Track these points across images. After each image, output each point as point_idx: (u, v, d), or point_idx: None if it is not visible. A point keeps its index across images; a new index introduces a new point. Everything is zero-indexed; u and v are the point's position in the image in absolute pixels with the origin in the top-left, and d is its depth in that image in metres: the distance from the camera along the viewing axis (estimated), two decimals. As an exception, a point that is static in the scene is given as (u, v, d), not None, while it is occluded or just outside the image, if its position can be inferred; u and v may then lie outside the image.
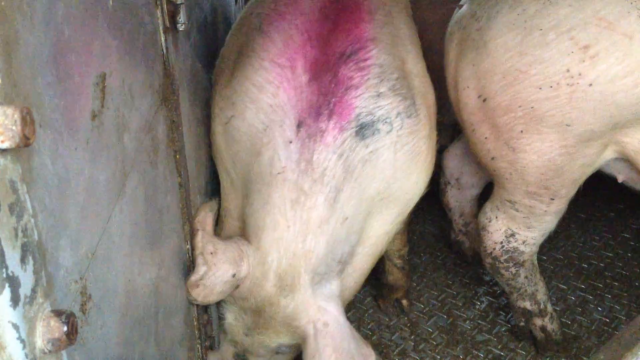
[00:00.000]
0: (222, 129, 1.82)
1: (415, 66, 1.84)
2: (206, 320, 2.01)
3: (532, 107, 1.80)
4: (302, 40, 1.69)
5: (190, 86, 1.97)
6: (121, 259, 1.17)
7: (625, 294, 2.52)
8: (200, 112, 2.16)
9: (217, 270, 1.68)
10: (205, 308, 1.99)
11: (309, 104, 1.63)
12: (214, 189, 2.46)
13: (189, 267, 1.84)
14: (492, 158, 2.01)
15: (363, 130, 1.62)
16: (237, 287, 1.72)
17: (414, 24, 2.01)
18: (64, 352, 0.82)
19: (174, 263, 1.64)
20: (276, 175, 1.62)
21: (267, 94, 1.67)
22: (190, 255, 1.84)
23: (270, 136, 1.64)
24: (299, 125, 1.62)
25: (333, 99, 1.63)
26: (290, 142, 1.62)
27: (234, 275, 1.67)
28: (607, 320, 2.40)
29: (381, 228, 1.81)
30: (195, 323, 1.93)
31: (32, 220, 0.78)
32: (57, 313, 0.78)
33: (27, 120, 0.72)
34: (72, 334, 0.78)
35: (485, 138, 1.99)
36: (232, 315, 1.89)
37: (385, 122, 1.64)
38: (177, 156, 1.73)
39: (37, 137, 0.83)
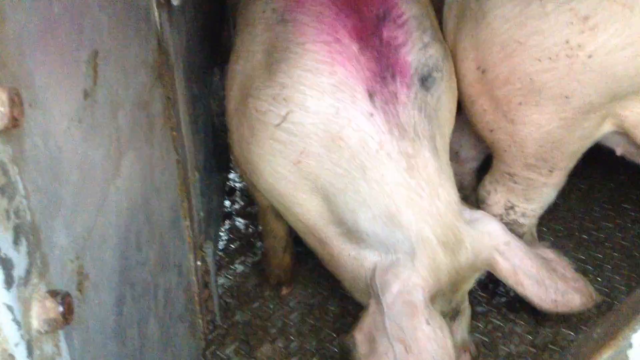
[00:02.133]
0: (272, 133, 1.64)
1: (429, 8, 1.88)
2: (207, 296, 2.03)
3: (530, 79, 1.79)
4: (334, 13, 1.63)
5: (186, 62, 1.95)
6: (118, 237, 1.17)
7: (624, 265, 2.52)
8: (196, 88, 2.15)
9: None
10: (205, 283, 2.00)
11: (370, 72, 1.58)
12: (212, 166, 2.46)
13: (189, 244, 1.85)
14: (491, 130, 2.00)
15: (425, 82, 1.64)
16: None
17: None
18: (61, 332, 0.83)
19: (172, 241, 1.65)
20: (376, 153, 1.55)
21: (325, 73, 1.57)
22: (190, 232, 1.85)
23: (348, 117, 1.55)
24: (371, 95, 1.56)
25: (389, 61, 1.60)
26: (372, 114, 1.55)
27: (427, 323, 1.48)
28: (607, 290, 2.41)
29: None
30: (196, 299, 1.95)
31: (25, 201, 0.78)
32: (53, 293, 0.79)
33: (15, 101, 0.71)
34: (68, 314, 0.78)
35: (484, 110, 1.98)
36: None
37: (438, 69, 1.68)
38: (174, 133, 1.72)
39: (28, 117, 0.82)
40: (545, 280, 1.66)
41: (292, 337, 2.24)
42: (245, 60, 1.77)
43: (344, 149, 1.55)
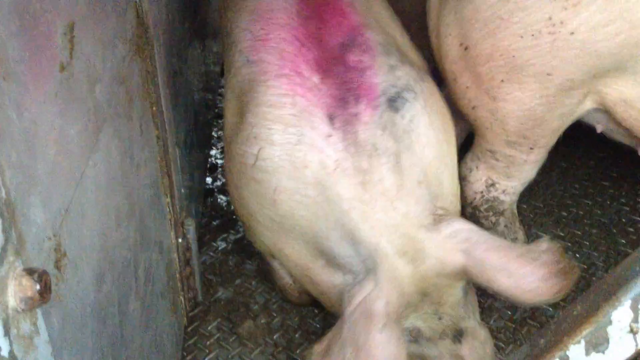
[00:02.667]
0: (251, 173, 1.66)
1: (404, 41, 1.86)
2: (189, 273, 2.02)
3: (513, 56, 1.78)
4: (295, 48, 1.66)
5: (166, 35, 1.92)
6: (97, 214, 1.15)
7: (603, 241, 2.56)
8: (177, 62, 2.11)
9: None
10: (187, 261, 1.99)
11: (331, 97, 1.60)
12: (193, 142, 2.43)
13: (170, 221, 1.83)
14: (473, 107, 2.00)
15: (393, 103, 1.61)
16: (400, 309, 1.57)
17: (388, 4, 2.02)
18: (38, 311, 0.81)
19: (153, 217, 1.63)
20: (333, 172, 1.56)
21: (287, 106, 1.60)
22: (170, 209, 1.83)
23: (308, 142, 1.57)
24: (331, 118, 1.58)
25: (354, 85, 1.61)
26: (330, 135, 1.56)
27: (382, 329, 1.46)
28: (585, 266, 2.44)
29: (450, 185, 1.78)
30: (178, 276, 1.94)
31: (-1, 177, 0.76)
32: (30, 271, 0.77)
33: (-14, 73, 0.69)
34: (45, 292, 0.77)
35: (467, 87, 1.98)
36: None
37: (409, 90, 1.64)
38: (154, 108, 1.70)
39: (1, 90, 0.79)
40: (519, 270, 1.54)
41: (274, 314, 2.25)
42: (226, 109, 1.82)
43: (307, 175, 1.57)
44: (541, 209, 2.74)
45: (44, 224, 0.90)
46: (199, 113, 2.75)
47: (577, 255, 2.50)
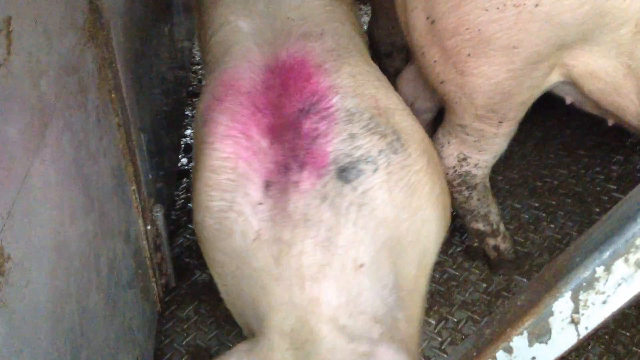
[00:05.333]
0: (201, 244, 1.63)
1: (390, 101, 1.71)
2: (160, 259, 2.01)
3: (479, 30, 1.76)
4: (250, 113, 1.57)
5: (125, 18, 1.87)
6: (48, 212, 1.13)
7: (577, 211, 2.57)
8: (139, 44, 2.07)
9: None
10: (158, 247, 1.98)
11: (274, 164, 1.50)
12: (162, 125, 2.40)
13: (137, 208, 1.81)
14: (442, 82, 1.98)
15: (344, 173, 1.49)
16: None
17: (373, 62, 1.87)
18: (-25, 320, 0.80)
19: (116, 206, 1.61)
20: (252, 242, 1.46)
21: (226, 171, 1.52)
22: (137, 196, 1.81)
23: (237, 209, 1.48)
24: (267, 186, 1.48)
25: (302, 152, 1.50)
26: (260, 203, 1.47)
27: None
28: (559, 237, 2.46)
29: (409, 283, 1.60)
30: (148, 263, 1.92)
31: None
32: (-38, 282, 0.75)
33: None
34: (-20, 302, 0.75)
35: (435, 61, 1.95)
36: None
37: (368, 161, 1.51)
38: (113, 95, 1.66)
39: None
40: None
41: (249, 295, 2.25)
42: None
43: (232, 245, 1.48)
44: (516, 180, 2.75)
45: (-18, 229, 0.88)
46: (170, 92, 2.70)
47: (552, 226, 2.52)
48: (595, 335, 2.08)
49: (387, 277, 1.49)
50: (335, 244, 1.42)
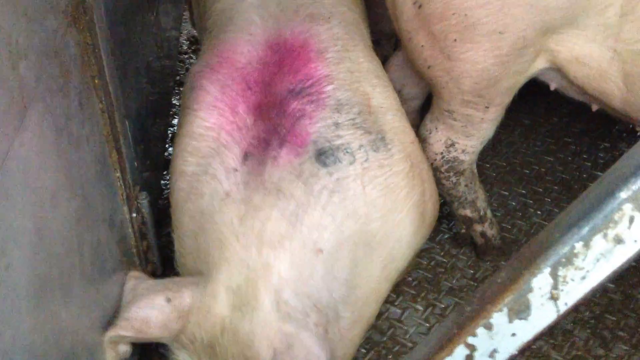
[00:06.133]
0: (172, 201, 1.67)
1: (385, 101, 1.71)
2: (146, 247, 1.99)
3: (465, 15, 1.76)
4: (241, 89, 1.58)
5: (109, 4, 1.84)
6: (27, 195, 1.12)
7: (564, 197, 2.58)
8: (124, 30, 2.04)
9: (142, 300, 1.49)
10: (143, 235, 1.97)
11: (255, 138, 1.51)
12: (148, 112, 2.38)
13: (121, 196, 1.80)
14: (429, 67, 1.98)
15: (322, 156, 1.50)
16: (184, 327, 1.49)
17: (376, 56, 1.88)
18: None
19: (100, 193, 1.59)
20: (220, 201, 1.47)
21: (208, 140, 1.53)
22: (121, 184, 1.80)
23: (211, 173, 1.50)
24: (246, 156, 1.49)
25: (283, 130, 1.51)
26: (236, 169, 1.49)
27: (168, 300, 1.46)
28: (546, 223, 2.46)
29: (367, 283, 1.59)
30: (134, 250, 1.91)
31: None
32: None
33: None
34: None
35: (422, 46, 1.95)
36: None
37: (346, 152, 1.53)
38: (96, 81, 1.64)
39: None
40: None
41: (237, 283, 2.24)
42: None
43: (201, 206, 1.51)
44: (504, 167, 2.75)
45: (-41, 211, 0.87)
46: (156, 81, 2.68)
47: (539, 212, 2.53)
48: (582, 320, 2.09)
49: (342, 271, 1.50)
50: (301, 221, 1.44)
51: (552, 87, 1.99)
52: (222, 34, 1.70)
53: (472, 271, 2.31)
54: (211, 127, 1.54)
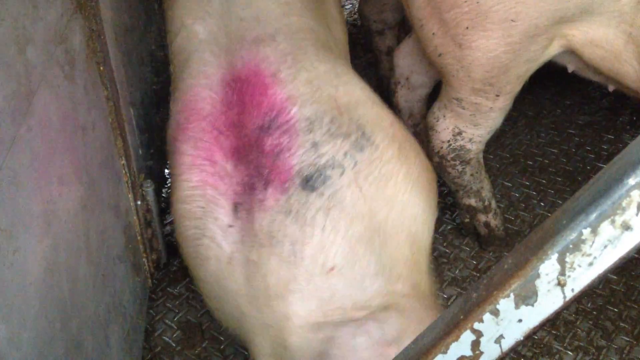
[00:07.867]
0: (189, 265, 1.65)
1: (353, 94, 1.67)
2: (151, 235, 2.00)
3: (477, 2, 1.75)
4: (212, 137, 1.56)
5: (114, -9, 1.84)
6: (35, 180, 1.12)
7: (567, 189, 2.58)
8: (128, 19, 2.04)
9: None
10: (148, 223, 1.97)
11: (240, 185, 1.50)
12: (152, 101, 2.38)
13: (126, 183, 1.80)
14: (440, 54, 1.97)
15: (310, 182, 1.49)
16: None
17: (330, 49, 1.81)
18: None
19: (106, 180, 1.60)
20: (225, 266, 1.48)
21: (196, 199, 1.53)
22: (126, 171, 1.80)
23: (209, 235, 1.50)
24: (235, 208, 1.49)
25: (266, 170, 1.50)
26: (231, 226, 1.48)
27: None
28: (549, 215, 2.46)
29: (408, 260, 1.61)
30: (139, 238, 1.92)
31: None
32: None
33: None
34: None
35: (433, 34, 1.95)
36: None
37: (333, 167, 1.51)
38: (101, 68, 1.64)
39: None
40: None
41: (240, 271, 2.25)
42: None
43: (210, 271, 1.50)
44: (508, 159, 2.75)
45: (-32, 193, 0.87)
46: (160, 70, 2.68)
47: (542, 204, 2.53)
48: (584, 311, 2.10)
49: (368, 267, 1.50)
50: (301, 256, 1.44)
51: (570, 69, 1.98)
52: (181, 83, 1.70)
53: (475, 262, 2.32)
54: (196, 186, 1.53)
